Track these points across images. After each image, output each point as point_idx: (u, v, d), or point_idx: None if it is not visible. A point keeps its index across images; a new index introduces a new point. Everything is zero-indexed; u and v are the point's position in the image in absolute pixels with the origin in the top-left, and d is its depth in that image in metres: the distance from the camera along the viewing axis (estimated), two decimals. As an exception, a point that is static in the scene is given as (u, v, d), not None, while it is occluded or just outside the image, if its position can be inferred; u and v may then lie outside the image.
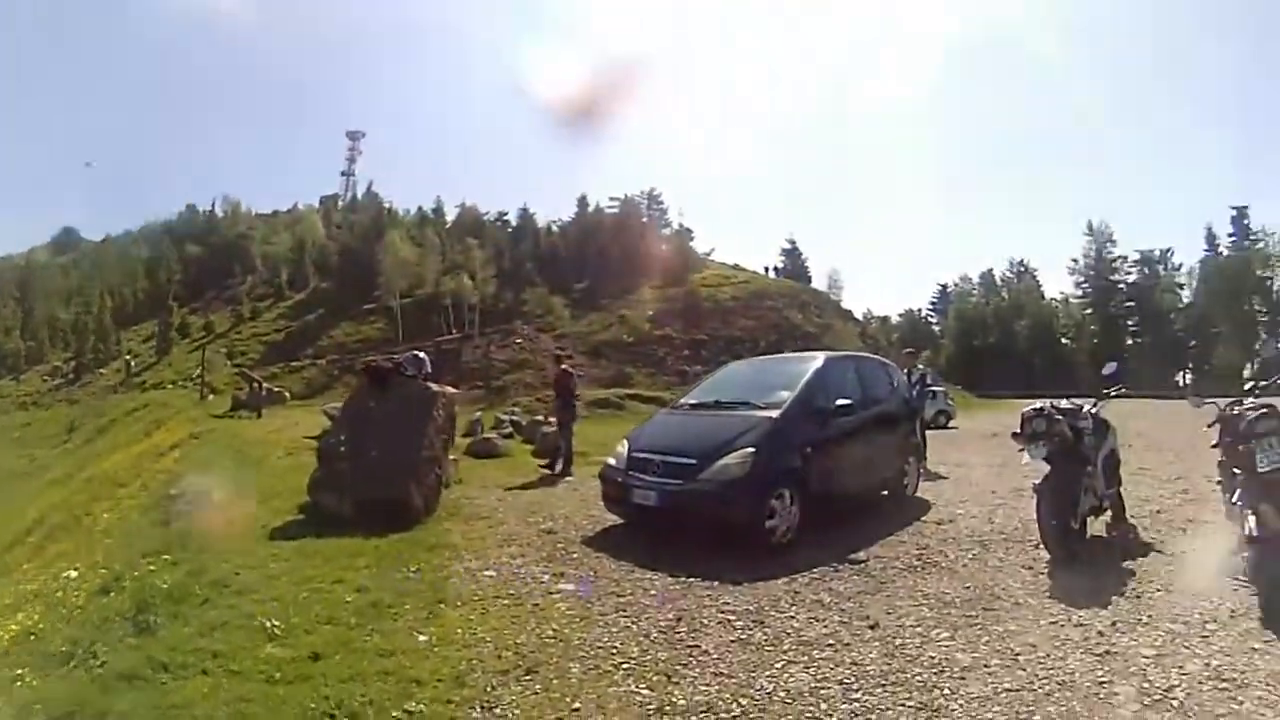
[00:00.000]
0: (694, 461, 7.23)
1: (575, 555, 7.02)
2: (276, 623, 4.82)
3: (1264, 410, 5.62)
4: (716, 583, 5.96)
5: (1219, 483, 6.58)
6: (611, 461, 8.20)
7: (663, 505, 7.25)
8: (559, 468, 12.79)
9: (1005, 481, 10.71)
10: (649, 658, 4.50)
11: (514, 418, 21.31)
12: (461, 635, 4.79)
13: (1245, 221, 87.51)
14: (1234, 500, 5.84)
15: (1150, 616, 5.15)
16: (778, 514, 7.11)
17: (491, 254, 69.61)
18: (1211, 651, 4.51)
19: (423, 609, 5.26)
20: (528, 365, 46.86)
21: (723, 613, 5.33)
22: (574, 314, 62.03)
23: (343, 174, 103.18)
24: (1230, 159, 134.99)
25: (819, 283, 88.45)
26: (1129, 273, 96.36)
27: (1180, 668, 4.29)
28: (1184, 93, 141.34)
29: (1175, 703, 3.88)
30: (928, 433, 14.53)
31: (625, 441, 8.29)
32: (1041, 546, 6.71)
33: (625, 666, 4.37)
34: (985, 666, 4.39)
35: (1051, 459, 6.67)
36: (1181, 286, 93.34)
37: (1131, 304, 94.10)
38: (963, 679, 4.22)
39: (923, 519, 8.64)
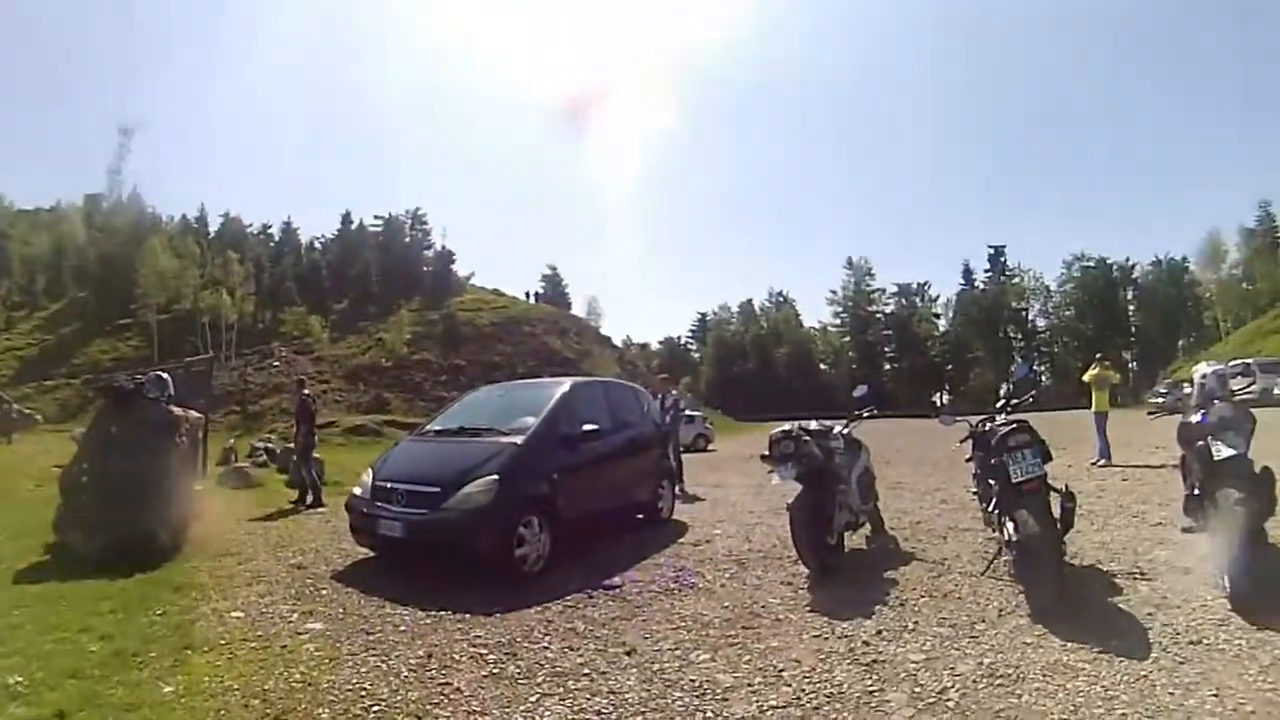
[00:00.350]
0: (438, 490, 7.30)
1: (325, 591, 6.98)
2: (20, 679, 4.65)
3: (1014, 425, 6.10)
4: (468, 615, 5.98)
5: (975, 493, 7.28)
6: (357, 491, 8.23)
7: (408, 536, 7.29)
8: (310, 499, 12.87)
9: (762, 501, 11.26)
10: (400, 698, 4.43)
11: (269, 445, 21.19)
12: (209, 684, 4.66)
13: (1002, 260, 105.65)
14: (991, 508, 6.37)
15: (916, 623, 5.37)
16: (527, 542, 7.23)
17: (252, 270, 68.91)
18: (982, 651, 4.72)
19: (169, 657, 5.13)
20: (284, 389, 46.65)
21: (474, 646, 5.30)
22: (333, 336, 62.70)
23: (110, 172, 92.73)
24: (988, 200, 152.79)
25: (579, 309, 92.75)
26: (887, 304, 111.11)
27: (952, 669, 4.45)
28: (948, 139, 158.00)
29: (950, 704, 3.98)
30: (686, 456, 15.12)
31: (369, 470, 8.33)
32: (800, 563, 6.92)
33: (376, 710, 4.28)
34: (748, 686, 4.39)
35: (803, 478, 6.95)
36: (938, 316, 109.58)
37: (889, 332, 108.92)
38: (726, 700, 4.20)
39: (680, 541, 8.85)
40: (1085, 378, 15.76)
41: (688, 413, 24.25)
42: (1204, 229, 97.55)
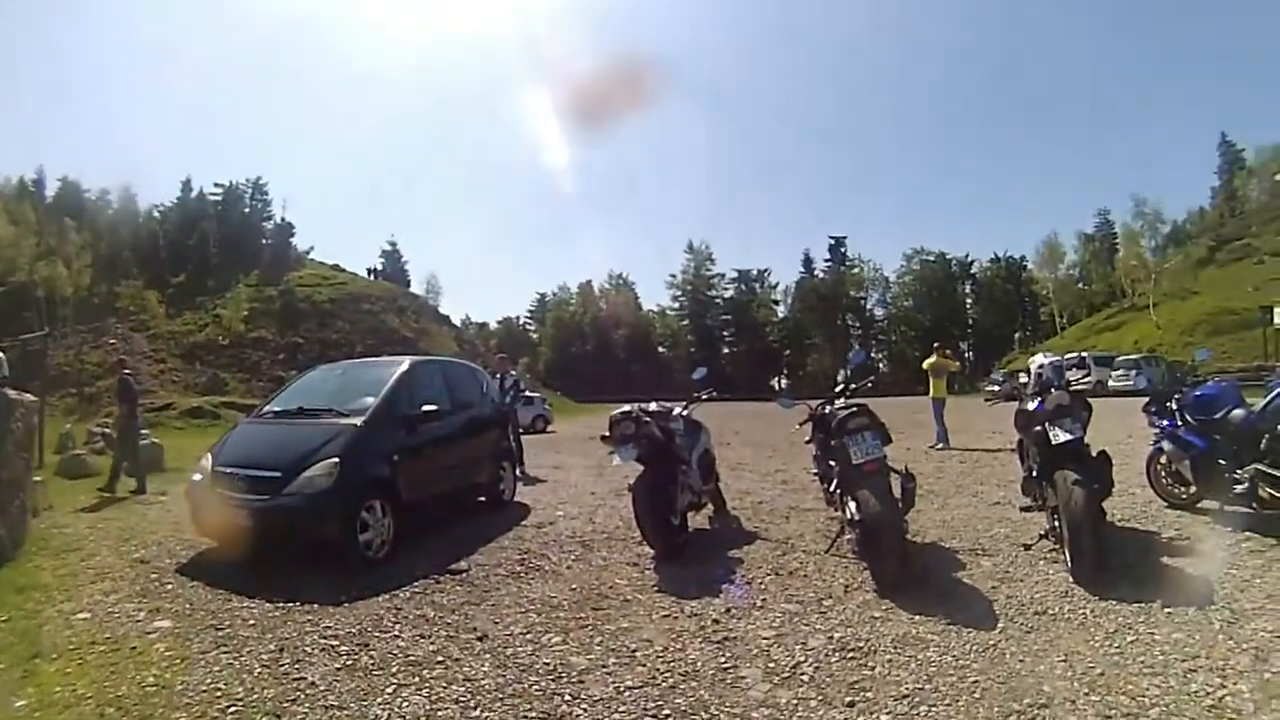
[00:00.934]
0: (278, 474, 7.17)
1: (170, 586, 6.75)
2: None
3: (854, 409, 6.38)
4: (316, 605, 5.91)
5: (816, 474, 7.57)
6: (196, 477, 7.95)
7: (251, 523, 7.09)
8: (144, 485, 12.59)
9: (604, 482, 11.46)
10: (256, 696, 4.36)
11: (107, 431, 19.74)
12: (62, 694, 4.48)
13: (842, 250, 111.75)
14: (832, 489, 6.68)
15: (764, 599, 5.57)
16: (370, 527, 7.20)
17: (89, 239, 65.02)
18: (832, 625, 4.94)
19: (18, 666, 4.95)
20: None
21: (325, 638, 5.25)
22: (170, 311, 60.42)
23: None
24: (830, 192, 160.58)
25: (418, 287, 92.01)
26: (726, 289, 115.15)
27: (803, 644, 4.63)
28: (798, 132, 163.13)
29: (805, 677, 4.14)
30: (525, 437, 15.19)
31: (209, 455, 8.09)
32: (645, 543, 7.07)
33: (233, 710, 4.21)
34: (603, 667, 4.46)
35: (644, 459, 7.12)
36: (777, 303, 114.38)
37: (728, 317, 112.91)
38: (582, 683, 4.26)
39: (523, 523, 8.92)
40: (924, 365, 16.59)
41: (526, 394, 24.27)
42: (1042, 232, 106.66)
